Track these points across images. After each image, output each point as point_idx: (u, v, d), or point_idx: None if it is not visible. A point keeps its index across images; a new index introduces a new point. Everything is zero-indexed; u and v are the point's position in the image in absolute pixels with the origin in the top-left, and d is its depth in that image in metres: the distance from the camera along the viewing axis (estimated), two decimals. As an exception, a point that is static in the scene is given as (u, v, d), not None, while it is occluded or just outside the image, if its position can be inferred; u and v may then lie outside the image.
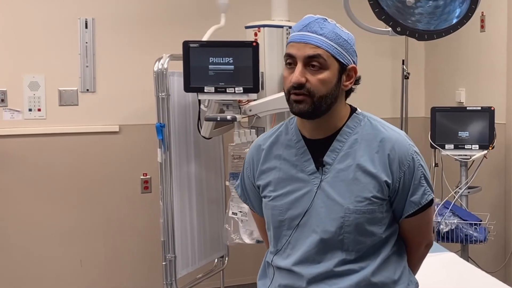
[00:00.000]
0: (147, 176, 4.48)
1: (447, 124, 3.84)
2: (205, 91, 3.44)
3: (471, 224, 3.70)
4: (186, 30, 4.04)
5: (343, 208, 1.79)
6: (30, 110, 4.31)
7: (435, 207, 3.80)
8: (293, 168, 1.87)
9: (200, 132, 3.79)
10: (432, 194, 1.87)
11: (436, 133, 3.85)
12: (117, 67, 4.44)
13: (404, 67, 4.47)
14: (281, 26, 3.71)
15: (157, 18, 4.48)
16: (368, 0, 3.07)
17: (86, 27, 4.35)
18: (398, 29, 3.12)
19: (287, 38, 3.69)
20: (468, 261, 3.81)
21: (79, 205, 4.43)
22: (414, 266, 2.01)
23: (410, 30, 3.12)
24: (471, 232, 3.68)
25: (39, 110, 4.32)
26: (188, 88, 3.48)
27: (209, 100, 3.61)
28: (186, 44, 3.46)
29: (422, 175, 1.84)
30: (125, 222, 4.52)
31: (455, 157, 3.80)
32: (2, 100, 4.25)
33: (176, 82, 3.76)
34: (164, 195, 3.82)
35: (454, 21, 3.02)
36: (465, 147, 3.79)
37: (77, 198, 4.43)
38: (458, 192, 3.85)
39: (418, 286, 1.99)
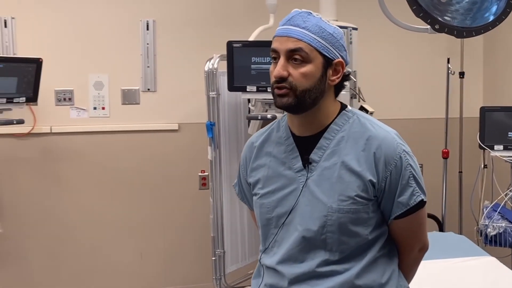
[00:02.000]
0: (205, 173, 4.59)
1: (497, 124, 3.71)
2: (247, 90, 3.50)
3: (520, 228, 3.58)
4: (238, 31, 4.11)
5: (326, 207, 1.75)
6: (95, 108, 4.52)
7: (484, 209, 3.70)
8: (281, 166, 1.85)
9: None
10: (422, 196, 1.78)
11: (485, 133, 3.73)
12: (176, 67, 4.58)
13: (450, 66, 4.36)
14: (328, 26, 3.72)
15: (211, 19, 4.60)
16: (406, -2, 3.06)
17: (148, 28, 4.52)
18: (437, 26, 3.09)
19: (334, 37, 3.70)
20: (517, 266, 3.69)
21: (140, 200, 4.61)
22: (407, 270, 1.92)
23: (448, 27, 3.09)
24: (520, 236, 3.56)
25: (103, 108, 4.53)
26: (231, 87, 3.56)
27: (255, 99, 3.68)
28: (229, 44, 3.54)
29: (411, 175, 1.76)
30: (183, 218, 4.66)
31: (505, 158, 3.67)
32: (69, 99, 4.48)
33: (227, 81, 3.85)
34: (214, 192, 3.93)
35: (491, 18, 2.96)
36: (516, 148, 3.67)
37: (138, 193, 4.61)
38: (508, 194, 3.72)
39: None
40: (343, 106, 1.87)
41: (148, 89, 4.57)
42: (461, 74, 4.57)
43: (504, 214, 3.62)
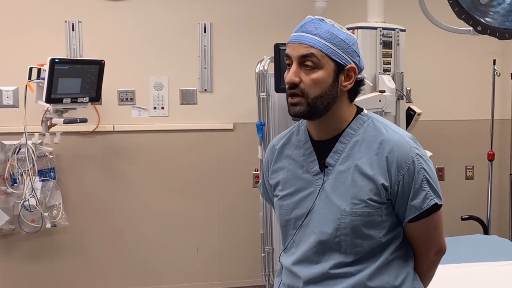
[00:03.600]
0: (258, 172, 4.69)
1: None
2: (293, 91, 3.58)
3: None
4: (289, 34, 4.17)
5: (340, 210, 1.77)
6: (154, 108, 4.71)
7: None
8: (299, 168, 1.88)
9: (297, 130, 3.94)
10: (435, 199, 1.78)
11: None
12: (232, 69, 4.73)
13: (495, 67, 4.30)
14: (375, 28, 3.77)
15: (265, 22, 4.72)
16: (448, -1, 3.08)
17: (205, 31, 4.68)
18: (479, 28, 3.10)
19: (380, 39, 3.75)
20: None
21: (196, 196, 4.78)
22: (423, 273, 1.94)
23: (490, 29, 3.09)
24: None
25: (162, 108, 4.71)
26: (278, 88, 3.66)
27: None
28: (277, 47, 3.65)
29: (424, 179, 1.77)
30: (237, 215, 4.80)
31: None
32: (131, 99, 4.68)
33: (274, 82, 3.94)
34: (264, 190, 4.02)
35: (532, 19, 2.94)
36: None
37: (195, 189, 4.77)
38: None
39: None
40: (359, 110, 1.89)
41: (205, 90, 4.73)
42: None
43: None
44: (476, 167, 4.72)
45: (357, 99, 3.86)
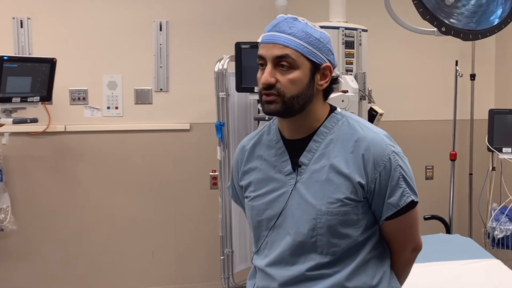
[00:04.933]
0: (216, 173, 4.61)
1: (505, 126, 3.70)
2: (255, 91, 3.53)
3: (527, 231, 3.56)
4: (249, 32, 4.12)
5: (315, 210, 1.74)
6: (108, 108, 4.58)
7: (492, 212, 3.69)
8: (272, 169, 1.85)
9: (257, 131, 3.88)
10: (412, 196, 1.77)
11: (494, 136, 3.72)
12: (188, 68, 4.62)
13: (458, 68, 4.34)
14: (337, 27, 3.73)
15: (222, 20, 4.63)
16: (412, 0, 3.06)
17: (161, 29, 4.56)
18: (443, 29, 3.10)
19: (343, 39, 3.72)
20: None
21: (152, 199, 4.66)
22: (400, 271, 1.92)
23: (454, 30, 3.09)
24: (527, 239, 3.54)
25: (116, 108, 4.58)
26: (239, 88, 3.59)
27: (262, 100, 3.69)
28: (237, 45, 3.57)
29: (401, 176, 1.75)
30: (194, 217, 4.70)
31: (512, 161, 3.67)
32: (84, 99, 4.53)
33: (235, 82, 3.87)
34: (223, 192, 3.95)
35: (496, 21, 2.96)
36: (524, 150, 3.65)
37: (150, 192, 4.65)
38: (517, 197, 3.71)
39: None
40: (333, 109, 1.87)
41: (161, 89, 4.62)
42: (472, 76, 4.55)
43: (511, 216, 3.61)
44: (435, 167, 4.75)
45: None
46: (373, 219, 1.82)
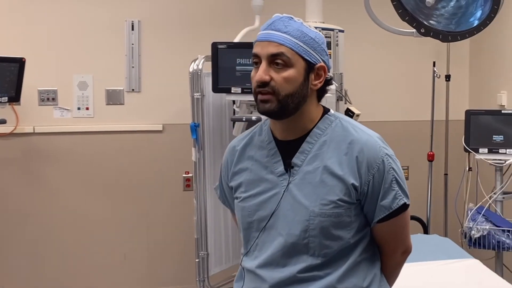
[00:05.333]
0: (189, 174, 4.56)
1: (481, 127, 3.73)
2: (232, 91, 3.49)
3: (503, 230, 3.58)
4: (224, 32, 4.09)
5: (308, 211, 1.75)
6: (79, 108, 4.48)
7: (469, 212, 3.71)
8: (263, 170, 1.84)
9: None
10: (404, 199, 1.78)
11: (470, 136, 3.74)
12: (161, 68, 4.55)
13: (435, 69, 4.36)
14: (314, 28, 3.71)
15: (197, 20, 4.57)
16: (392, 1, 3.05)
17: (133, 29, 4.49)
18: (422, 30, 3.10)
19: (319, 39, 3.69)
20: (502, 269, 3.71)
21: (123, 200, 4.58)
22: (389, 274, 1.93)
23: (434, 31, 3.09)
24: (503, 239, 3.56)
25: (87, 108, 4.49)
26: (216, 88, 3.55)
27: (239, 100, 3.67)
28: (214, 46, 3.52)
29: (394, 179, 1.77)
30: (167, 219, 4.63)
31: (489, 161, 3.69)
32: (53, 99, 4.43)
33: (211, 82, 3.83)
34: (198, 193, 3.90)
35: (476, 22, 2.97)
36: (500, 151, 3.67)
37: (123, 194, 4.57)
38: (493, 197, 3.73)
39: None
40: (326, 110, 1.87)
41: (133, 90, 4.54)
42: (447, 77, 4.58)
43: (488, 216, 3.63)
44: (411, 167, 4.78)
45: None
46: (365, 221, 1.82)
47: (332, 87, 3.54)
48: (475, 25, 2.97)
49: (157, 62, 4.55)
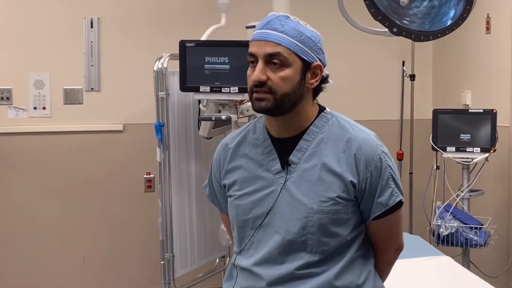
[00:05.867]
0: (151, 175, 4.49)
1: (449, 126, 3.79)
2: (200, 90, 3.44)
3: (471, 228, 3.64)
4: (188, 30, 4.02)
5: (307, 208, 1.75)
6: (35, 108, 4.36)
7: (436, 210, 3.75)
8: (258, 167, 1.84)
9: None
10: (400, 196, 1.81)
11: (438, 135, 3.80)
12: (122, 67, 4.46)
13: (405, 69, 4.40)
14: (281, 26, 3.67)
15: (161, 17, 4.50)
16: (364, 0, 3.04)
17: (92, 26, 4.38)
18: (394, 29, 3.08)
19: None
20: (469, 265, 3.76)
21: (83, 202, 4.47)
22: (382, 271, 1.95)
23: (406, 31, 3.08)
24: (471, 236, 3.62)
25: (44, 108, 4.36)
26: (184, 87, 3.49)
27: (206, 99, 3.61)
28: (182, 44, 3.46)
29: (390, 176, 1.80)
30: (128, 221, 4.54)
31: (457, 159, 3.75)
32: (8, 98, 4.30)
33: (176, 81, 3.74)
34: (163, 194, 3.82)
35: (449, 22, 2.97)
36: (467, 149, 3.74)
37: (81, 196, 4.46)
38: (460, 195, 3.79)
39: None
40: (322, 108, 1.89)
41: (92, 89, 4.44)
42: (412, 77, 4.62)
43: (456, 214, 3.69)
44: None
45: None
46: (361, 218, 1.84)
47: (328, 85, 3.55)
48: (448, 24, 2.98)
49: (118, 61, 4.45)
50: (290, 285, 1.77)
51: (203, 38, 3.68)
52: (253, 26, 3.71)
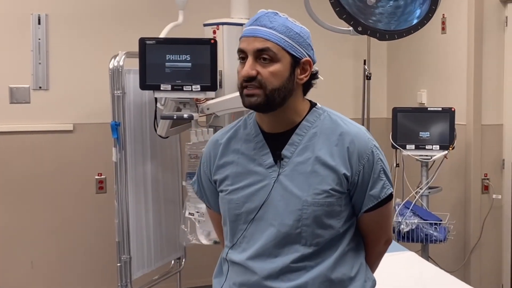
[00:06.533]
0: (102, 176, 4.38)
1: (408, 124, 3.86)
2: (161, 88, 3.38)
3: (431, 224, 3.73)
4: (144, 27, 3.95)
5: (301, 201, 1.78)
6: (-21, 107, 4.18)
7: (396, 207, 3.79)
8: (251, 162, 1.87)
9: (156, 131, 3.70)
10: (391, 188, 1.87)
11: (398, 133, 3.86)
12: (72, 65, 4.35)
13: (366, 67, 4.43)
14: (241, 24, 3.62)
15: (114, 14, 4.40)
16: (329, -1, 3.02)
17: (39, 23, 4.24)
18: (359, 28, 3.09)
19: (246, 36, 3.62)
20: (428, 260, 3.82)
21: (31, 205, 4.33)
22: (372, 263, 2.00)
23: (371, 30, 3.09)
24: (431, 232, 3.70)
25: (-12, 107, 4.19)
26: (144, 85, 3.42)
27: (165, 98, 3.53)
28: (142, 41, 3.38)
29: (382, 169, 1.84)
30: (79, 223, 4.43)
31: (416, 157, 3.82)
32: None
33: (132, 80, 3.69)
34: (119, 195, 3.73)
35: (415, 21, 3.00)
36: (426, 147, 3.82)
37: (29, 198, 4.32)
38: (419, 192, 3.85)
39: (375, 283, 1.96)
40: (313, 104, 1.93)
41: (40, 87, 4.30)
42: (368, 76, 4.65)
43: (415, 211, 3.75)
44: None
45: (225, 97, 3.70)
46: (352, 211, 1.88)
47: (318, 80, 3.52)
48: (413, 24, 3.00)
49: (68, 59, 4.33)
50: (285, 278, 1.79)
51: (162, 36, 3.59)
52: (212, 24, 3.67)
